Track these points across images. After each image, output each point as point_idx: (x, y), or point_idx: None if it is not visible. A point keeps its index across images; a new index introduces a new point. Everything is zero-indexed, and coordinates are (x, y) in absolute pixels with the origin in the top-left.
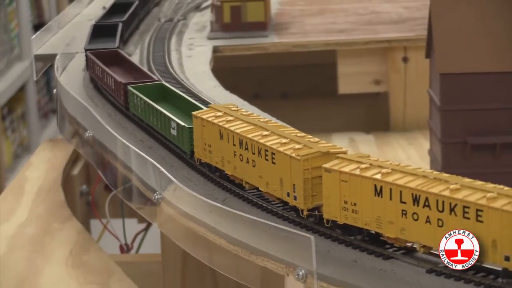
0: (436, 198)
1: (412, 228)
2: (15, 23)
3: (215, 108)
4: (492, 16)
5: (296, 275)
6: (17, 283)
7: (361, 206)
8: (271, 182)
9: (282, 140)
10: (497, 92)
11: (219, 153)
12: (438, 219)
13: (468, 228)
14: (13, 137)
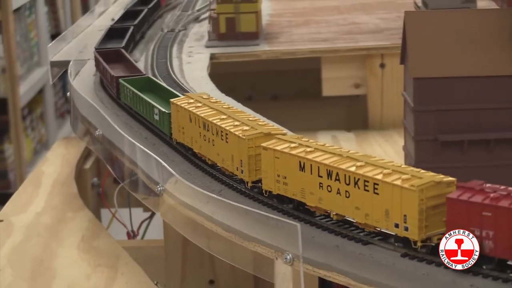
0: (344, 173)
1: (327, 198)
2: (35, 33)
3: (189, 96)
4: (460, 27)
5: (284, 259)
6: (34, 266)
7: (289, 179)
8: (225, 159)
9: (235, 123)
10: (464, 95)
11: (189, 134)
12: (346, 191)
13: (367, 199)
14: (32, 135)
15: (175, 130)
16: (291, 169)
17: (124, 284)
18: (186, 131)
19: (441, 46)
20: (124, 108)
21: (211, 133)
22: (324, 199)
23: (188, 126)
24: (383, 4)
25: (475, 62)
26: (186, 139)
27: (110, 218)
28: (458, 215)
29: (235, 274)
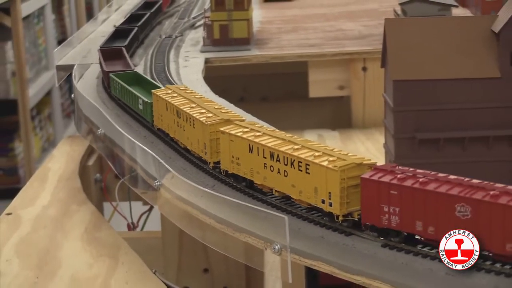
0: (283, 155)
1: (270, 177)
2: (43, 39)
3: (169, 87)
4: (436, 33)
5: (273, 249)
6: (40, 256)
7: (241, 160)
8: (193, 142)
9: (202, 110)
10: (441, 96)
11: (166, 121)
12: (284, 170)
13: (300, 177)
14: (41, 134)
15: (156, 118)
16: (243, 151)
17: (124, 273)
18: (163, 118)
19: (419, 51)
20: (124, 108)
21: (182, 119)
22: (268, 177)
23: (165, 113)
24: (367, 12)
25: (450, 65)
26: (164, 125)
27: (112, 211)
28: (370, 193)
29: (227, 263)
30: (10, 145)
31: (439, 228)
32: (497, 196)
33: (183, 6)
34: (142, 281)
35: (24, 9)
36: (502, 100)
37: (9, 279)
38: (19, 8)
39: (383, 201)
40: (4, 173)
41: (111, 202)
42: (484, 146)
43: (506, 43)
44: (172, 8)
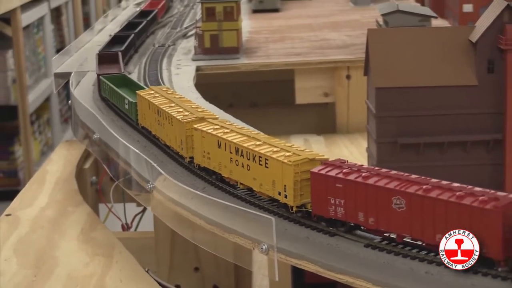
0: (246, 150)
1: (236, 170)
2: (42, 47)
3: (152, 88)
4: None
5: (261, 249)
6: (38, 255)
7: (211, 155)
8: (171, 139)
9: (179, 109)
10: (421, 102)
11: (148, 119)
12: (247, 165)
13: (261, 171)
14: (40, 138)
15: (140, 117)
16: (212, 147)
17: (119, 271)
18: (146, 117)
19: (400, 60)
20: (119, 114)
21: (162, 118)
22: (233, 171)
23: (148, 112)
24: (350, 22)
25: (430, 73)
26: (147, 124)
27: (107, 212)
28: (318, 186)
29: (217, 262)
30: (10, 148)
31: (378, 219)
32: (429, 190)
33: (175, 17)
34: (135, 279)
35: (24, 19)
36: (479, 107)
37: (8, 278)
38: (20, 18)
39: (330, 193)
40: (4, 175)
41: (106, 203)
42: (462, 151)
43: (482, 53)
44: (165, 18)
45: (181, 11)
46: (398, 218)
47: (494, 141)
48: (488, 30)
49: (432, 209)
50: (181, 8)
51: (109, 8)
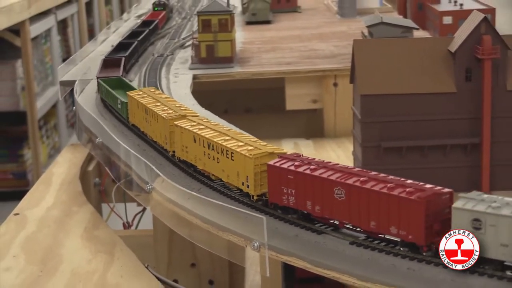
0: (216, 145)
1: (208, 163)
2: (49, 57)
3: (141, 90)
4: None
5: (253, 246)
6: (44, 253)
7: (189, 149)
8: (157, 135)
9: (164, 108)
10: (403, 109)
11: (137, 117)
12: (217, 158)
13: (228, 164)
14: (47, 142)
15: (130, 115)
16: (189, 141)
17: (120, 267)
18: (136, 115)
19: (384, 68)
20: (121, 120)
21: (149, 116)
22: (206, 164)
23: (137, 111)
24: (336, 34)
25: (412, 81)
26: (136, 121)
27: (109, 212)
28: (273, 176)
29: (212, 259)
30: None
31: (323, 207)
32: (365, 181)
33: (174, 28)
34: (135, 275)
35: (32, 30)
36: (458, 113)
37: (16, 273)
38: (28, 29)
39: (283, 183)
40: (14, 177)
41: (109, 203)
42: (441, 154)
43: (461, 62)
44: (164, 30)
45: (179, 23)
46: (339, 206)
47: (472, 145)
48: (466, 41)
49: (367, 198)
50: (179, 20)
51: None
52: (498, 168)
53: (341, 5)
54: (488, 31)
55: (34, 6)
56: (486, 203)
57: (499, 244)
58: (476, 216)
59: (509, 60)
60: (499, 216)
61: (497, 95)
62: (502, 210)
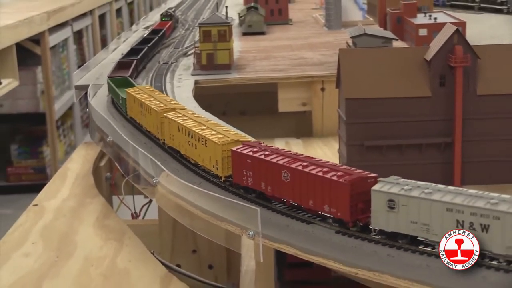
0: (194, 133)
1: (189, 149)
2: (66, 64)
3: (138, 87)
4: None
5: (248, 235)
6: (60, 239)
7: (174, 137)
8: (151, 125)
9: (156, 102)
10: (384, 111)
11: (134, 111)
12: (195, 144)
13: (203, 149)
14: (64, 140)
15: (128, 109)
16: (175, 130)
17: (128, 253)
18: (133, 109)
19: (366, 75)
20: (129, 120)
21: (144, 109)
22: (187, 149)
23: (133, 105)
24: (324, 44)
25: (391, 86)
26: (133, 114)
27: (119, 203)
28: (236, 161)
29: (211, 246)
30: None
31: (273, 188)
32: (306, 166)
33: (178, 38)
34: (142, 260)
35: (51, 40)
36: (433, 115)
37: (34, 258)
38: (47, 39)
39: (243, 167)
40: (34, 171)
41: (118, 195)
42: (418, 152)
43: (435, 69)
44: (169, 40)
45: (182, 33)
46: (286, 187)
47: (445, 144)
48: (440, 50)
49: (306, 180)
50: (183, 31)
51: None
52: (469, 165)
53: (328, 18)
54: (460, 41)
55: (52, 18)
56: (400, 186)
57: (410, 221)
58: (391, 197)
59: (478, 67)
60: (409, 197)
61: (468, 99)
62: (412, 192)
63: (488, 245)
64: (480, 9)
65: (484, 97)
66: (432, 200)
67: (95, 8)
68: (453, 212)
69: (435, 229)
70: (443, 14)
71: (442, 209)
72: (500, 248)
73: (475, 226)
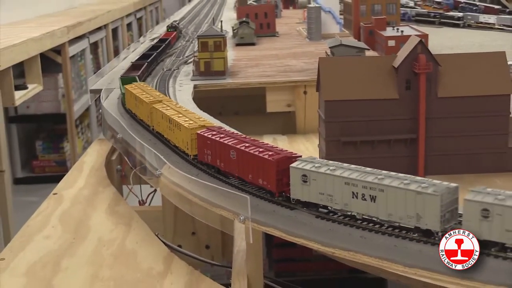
0: (172, 120)
1: (169, 133)
2: (84, 71)
3: (134, 84)
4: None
5: (239, 219)
6: (76, 224)
7: (160, 124)
8: (143, 115)
9: (147, 95)
10: (358, 111)
11: (131, 103)
12: (173, 129)
13: (178, 133)
14: (82, 137)
15: (126, 102)
16: (160, 118)
17: (135, 235)
18: (130, 102)
19: (343, 80)
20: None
21: (138, 102)
22: (168, 134)
23: (130, 99)
24: (306, 53)
25: (364, 90)
26: (130, 106)
27: (128, 192)
28: (200, 141)
29: (208, 229)
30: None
31: (225, 164)
32: (248, 147)
33: (179, 48)
34: (148, 241)
35: (71, 51)
36: (400, 114)
37: (54, 240)
38: (67, 50)
39: (205, 147)
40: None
41: (127, 185)
42: (387, 146)
43: (402, 75)
44: (172, 49)
45: (183, 44)
46: (233, 164)
47: (411, 139)
48: (406, 58)
49: (246, 158)
50: (184, 42)
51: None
52: (431, 157)
53: (310, 31)
54: (423, 51)
55: (71, 32)
56: (313, 163)
57: (318, 192)
58: (304, 173)
59: (439, 73)
60: (318, 173)
61: (430, 101)
62: (321, 168)
63: (375, 212)
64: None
65: (444, 99)
66: (334, 176)
67: (109, 22)
68: (350, 185)
69: (337, 199)
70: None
71: (341, 182)
72: (384, 215)
73: (366, 197)
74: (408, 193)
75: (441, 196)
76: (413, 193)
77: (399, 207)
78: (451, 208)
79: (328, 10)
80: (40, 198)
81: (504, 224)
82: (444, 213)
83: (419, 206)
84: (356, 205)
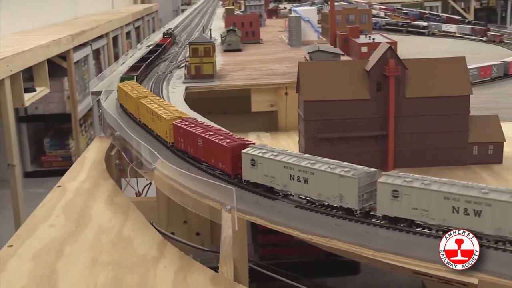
0: (154, 112)
1: (152, 124)
2: (87, 75)
3: (127, 82)
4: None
5: (226, 209)
6: (78, 213)
7: (145, 116)
8: (132, 108)
9: (135, 92)
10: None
11: (123, 99)
12: (155, 120)
13: (158, 124)
14: (86, 135)
15: (120, 98)
16: (145, 112)
17: (132, 224)
18: (122, 98)
19: (320, 82)
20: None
21: (127, 97)
22: (152, 125)
23: (122, 95)
24: (287, 58)
25: (339, 91)
26: (123, 102)
27: (125, 185)
28: (176, 132)
29: (199, 218)
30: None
31: (193, 150)
32: (212, 135)
33: (172, 54)
34: (143, 229)
35: (75, 57)
36: (371, 113)
37: (58, 228)
38: (72, 56)
39: (179, 135)
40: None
41: (125, 178)
42: (360, 142)
43: (373, 78)
44: (166, 55)
45: (176, 50)
46: (200, 150)
47: (381, 136)
48: (377, 63)
49: (209, 145)
50: (177, 48)
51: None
52: (400, 152)
53: (291, 38)
54: (392, 56)
55: (76, 39)
56: (261, 150)
57: (264, 175)
58: (252, 158)
59: (407, 76)
60: (263, 158)
61: (398, 101)
62: (266, 154)
63: (308, 192)
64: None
65: (411, 100)
66: (276, 160)
67: (110, 31)
68: (288, 169)
69: (278, 180)
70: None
71: (281, 166)
72: (315, 195)
73: (300, 179)
74: (333, 176)
75: (359, 179)
76: (336, 176)
77: (326, 188)
78: (369, 190)
79: (307, 20)
80: (48, 190)
81: (411, 203)
82: (362, 194)
83: (342, 188)
84: (294, 186)
